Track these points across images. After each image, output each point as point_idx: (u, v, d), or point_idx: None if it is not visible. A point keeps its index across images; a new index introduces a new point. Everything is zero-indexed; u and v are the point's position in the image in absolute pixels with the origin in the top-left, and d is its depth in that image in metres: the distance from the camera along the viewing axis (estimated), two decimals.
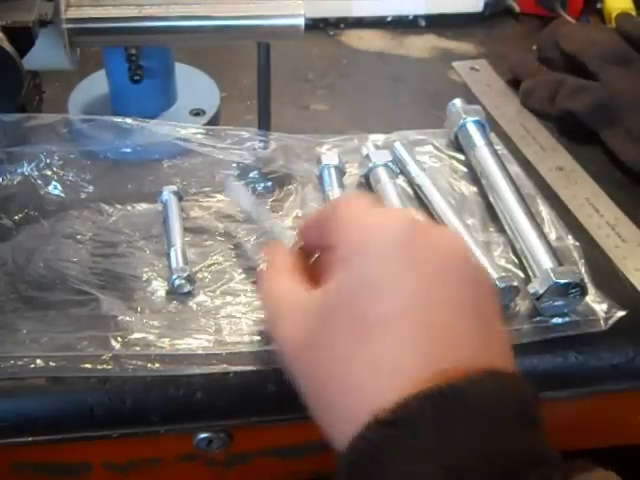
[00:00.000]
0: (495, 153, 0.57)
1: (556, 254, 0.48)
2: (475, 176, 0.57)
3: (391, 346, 0.32)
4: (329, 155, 0.56)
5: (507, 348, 0.34)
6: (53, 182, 0.55)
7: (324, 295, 0.36)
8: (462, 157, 0.60)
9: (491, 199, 0.54)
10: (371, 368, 0.32)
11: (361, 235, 0.36)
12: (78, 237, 0.51)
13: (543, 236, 0.50)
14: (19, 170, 0.55)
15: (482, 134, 0.58)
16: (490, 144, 0.57)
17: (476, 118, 0.59)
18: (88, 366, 0.43)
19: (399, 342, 0.32)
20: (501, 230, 0.53)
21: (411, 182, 0.57)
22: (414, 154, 0.58)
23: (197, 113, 0.61)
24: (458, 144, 0.60)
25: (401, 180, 0.57)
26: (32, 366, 0.43)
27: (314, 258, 0.43)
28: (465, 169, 0.59)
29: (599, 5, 0.82)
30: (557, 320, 0.47)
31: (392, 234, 0.35)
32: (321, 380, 0.34)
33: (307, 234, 0.43)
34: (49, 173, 0.55)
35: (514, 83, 0.70)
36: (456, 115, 0.59)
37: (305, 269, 0.42)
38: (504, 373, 0.31)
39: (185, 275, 0.47)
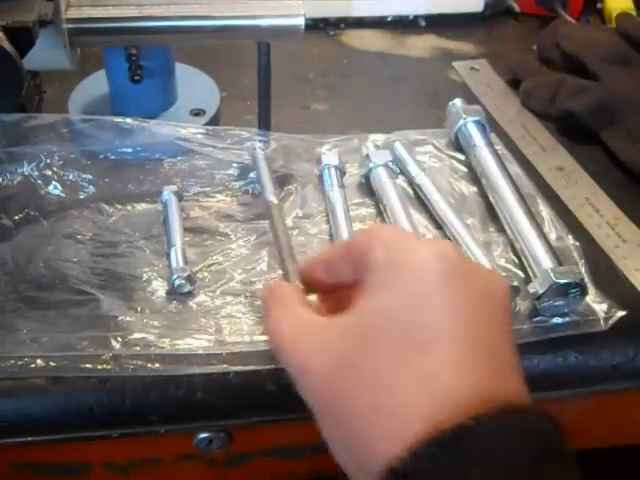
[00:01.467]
0: (495, 153, 0.57)
1: (556, 254, 0.48)
2: (475, 176, 0.57)
3: (441, 364, 0.31)
4: (329, 155, 0.56)
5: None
6: (53, 182, 0.55)
7: (361, 317, 0.34)
8: (462, 157, 0.59)
9: (491, 199, 0.54)
10: (422, 390, 0.31)
11: (401, 255, 0.35)
12: (78, 237, 0.51)
13: (543, 236, 0.50)
14: (19, 170, 0.55)
15: (482, 134, 0.58)
16: (490, 144, 0.57)
17: (476, 118, 0.59)
18: (88, 366, 0.43)
19: (449, 360, 0.31)
20: (501, 230, 0.53)
21: (411, 182, 0.57)
22: (414, 154, 0.58)
23: (197, 113, 0.61)
24: (458, 144, 0.60)
25: (401, 180, 0.57)
26: (32, 366, 0.43)
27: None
28: (465, 169, 0.59)
29: (599, 5, 0.82)
30: (557, 320, 0.47)
31: (436, 259, 0.34)
32: (350, 410, 0.32)
33: (320, 270, 0.41)
34: (49, 173, 0.55)
35: (514, 83, 0.70)
36: (456, 115, 0.59)
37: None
38: (528, 409, 0.31)
39: (185, 275, 0.47)
